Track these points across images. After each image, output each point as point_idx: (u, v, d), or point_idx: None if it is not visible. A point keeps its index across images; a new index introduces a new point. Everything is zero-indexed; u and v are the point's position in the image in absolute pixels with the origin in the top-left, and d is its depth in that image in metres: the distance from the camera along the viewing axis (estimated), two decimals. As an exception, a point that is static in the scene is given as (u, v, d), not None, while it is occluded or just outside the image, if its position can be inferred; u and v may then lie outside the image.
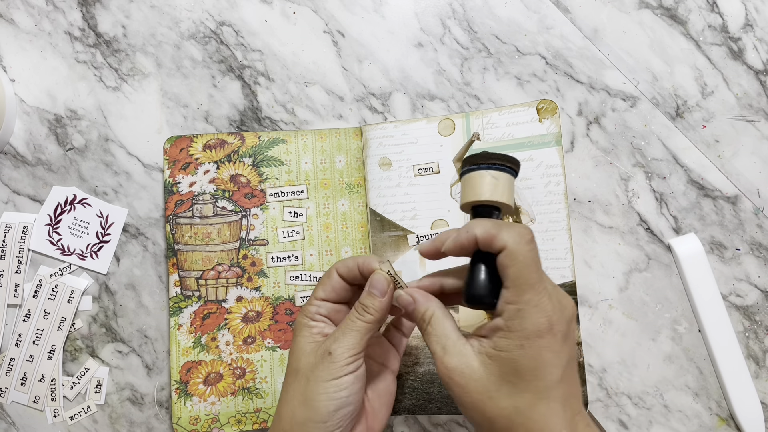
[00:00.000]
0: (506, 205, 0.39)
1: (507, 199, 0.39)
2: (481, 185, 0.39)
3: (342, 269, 0.43)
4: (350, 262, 0.43)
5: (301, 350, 0.42)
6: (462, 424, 0.54)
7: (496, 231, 0.36)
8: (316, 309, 0.43)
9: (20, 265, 0.56)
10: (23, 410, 0.56)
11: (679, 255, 0.54)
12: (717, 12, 0.56)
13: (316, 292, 0.44)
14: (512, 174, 0.40)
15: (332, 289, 0.44)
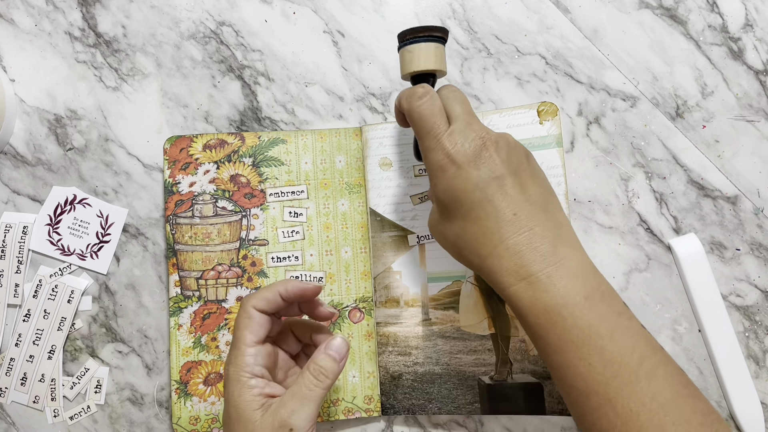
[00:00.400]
0: (439, 71, 0.45)
1: (437, 65, 0.44)
2: (411, 58, 0.44)
3: (260, 304, 0.42)
4: (267, 294, 0.42)
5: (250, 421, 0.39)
6: (462, 424, 0.54)
7: (398, 98, 0.44)
8: (253, 360, 0.41)
9: (20, 265, 0.56)
10: (23, 410, 0.56)
11: (679, 255, 0.54)
12: (717, 12, 0.56)
13: (244, 337, 0.41)
14: (440, 41, 0.45)
15: (259, 328, 0.41)
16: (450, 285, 0.54)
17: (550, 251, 0.38)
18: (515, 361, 0.52)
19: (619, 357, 0.36)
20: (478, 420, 0.54)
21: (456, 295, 0.54)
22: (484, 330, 0.53)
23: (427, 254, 0.54)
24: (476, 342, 0.53)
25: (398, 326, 0.54)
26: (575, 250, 0.39)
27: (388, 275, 0.55)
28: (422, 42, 0.44)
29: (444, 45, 0.45)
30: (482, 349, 0.53)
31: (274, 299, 0.42)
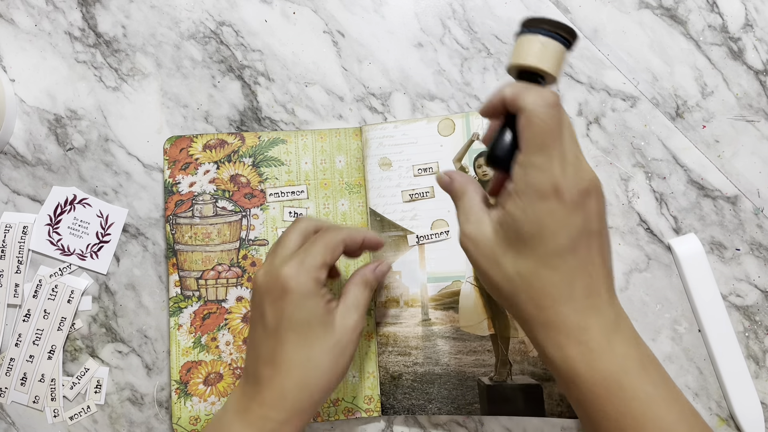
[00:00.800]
0: (550, 75, 0.37)
1: (552, 68, 0.37)
2: (528, 49, 0.37)
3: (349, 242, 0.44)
4: (356, 235, 0.45)
5: (325, 323, 0.42)
6: (462, 424, 0.54)
7: (521, 92, 0.35)
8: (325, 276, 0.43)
9: (20, 265, 0.56)
10: (23, 410, 0.56)
11: (679, 255, 0.54)
12: (717, 12, 0.56)
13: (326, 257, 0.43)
14: (564, 44, 0.38)
15: (332, 258, 0.43)
16: (449, 285, 0.54)
17: (613, 317, 0.36)
18: (515, 362, 0.52)
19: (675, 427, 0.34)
20: (478, 420, 0.54)
21: (456, 295, 0.54)
22: (483, 330, 0.53)
23: (427, 254, 0.54)
24: (476, 342, 0.53)
25: (398, 326, 0.54)
26: (624, 313, 0.37)
27: (388, 275, 0.55)
28: (552, 38, 0.37)
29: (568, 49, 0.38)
30: (482, 350, 0.53)
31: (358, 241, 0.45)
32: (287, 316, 0.41)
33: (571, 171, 0.35)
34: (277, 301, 0.41)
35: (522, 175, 0.35)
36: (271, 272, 0.42)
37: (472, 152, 0.55)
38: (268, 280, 0.42)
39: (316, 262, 0.42)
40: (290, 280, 0.41)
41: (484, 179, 0.54)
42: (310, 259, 0.42)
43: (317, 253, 0.42)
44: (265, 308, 0.42)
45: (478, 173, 0.54)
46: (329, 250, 0.43)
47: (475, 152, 0.55)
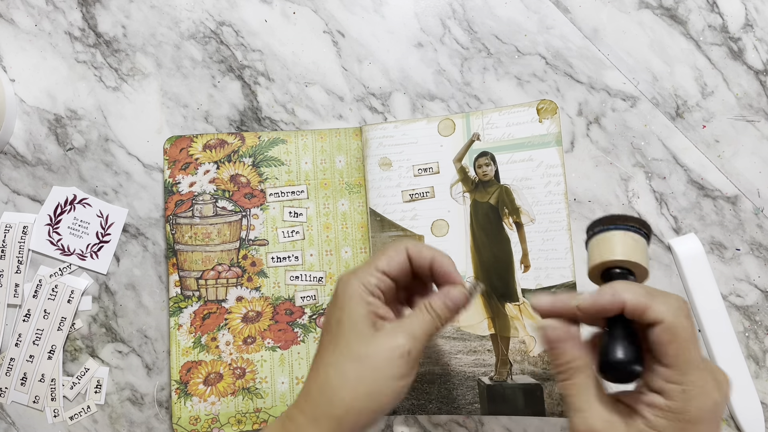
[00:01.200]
0: (642, 269, 0.36)
1: (645, 262, 0.36)
2: (617, 246, 0.36)
3: (413, 252, 0.41)
4: (425, 250, 0.41)
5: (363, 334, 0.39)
6: (462, 424, 0.54)
7: (649, 301, 0.33)
8: (377, 282, 0.40)
9: (20, 265, 0.56)
10: (23, 410, 0.56)
11: (679, 255, 0.54)
12: (717, 12, 0.56)
13: (379, 262, 0.41)
14: (645, 237, 0.37)
15: (397, 267, 0.41)
16: (450, 285, 0.54)
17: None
18: (515, 362, 0.52)
19: None
20: (478, 420, 0.54)
21: (456, 295, 0.54)
22: (483, 330, 0.53)
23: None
24: (476, 342, 0.53)
25: (398, 326, 0.54)
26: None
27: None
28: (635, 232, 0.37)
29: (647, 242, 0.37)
30: (482, 350, 0.53)
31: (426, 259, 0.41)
32: (328, 316, 0.41)
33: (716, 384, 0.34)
34: (329, 306, 0.41)
35: (680, 395, 0.33)
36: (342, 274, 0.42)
37: (472, 152, 0.55)
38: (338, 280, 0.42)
39: (369, 267, 0.41)
40: (339, 283, 0.41)
41: (485, 179, 0.54)
42: (365, 265, 0.41)
43: (373, 259, 0.41)
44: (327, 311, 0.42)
45: (478, 173, 0.54)
46: (386, 257, 0.41)
47: (476, 152, 0.55)
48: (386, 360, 0.38)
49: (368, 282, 0.40)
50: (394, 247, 0.42)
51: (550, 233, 0.53)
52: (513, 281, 0.53)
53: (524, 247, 0.53)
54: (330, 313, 0.41)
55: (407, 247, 0.41)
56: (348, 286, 0.40)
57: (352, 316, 0.39)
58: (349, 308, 0.40)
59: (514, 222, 0.53)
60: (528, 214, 0.53)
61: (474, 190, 0.54)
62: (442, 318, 0.40)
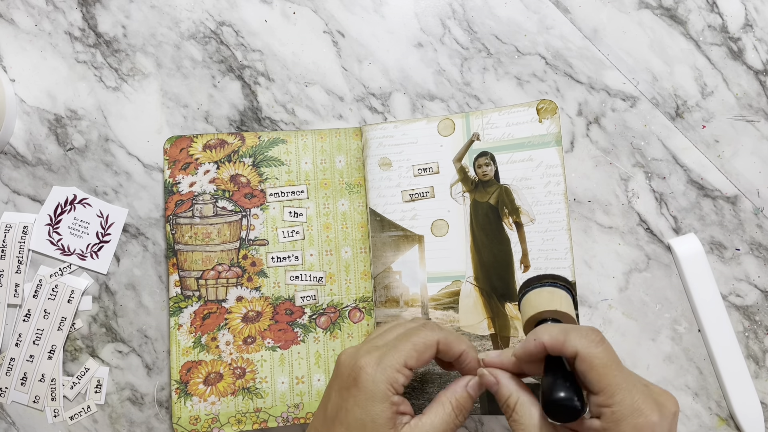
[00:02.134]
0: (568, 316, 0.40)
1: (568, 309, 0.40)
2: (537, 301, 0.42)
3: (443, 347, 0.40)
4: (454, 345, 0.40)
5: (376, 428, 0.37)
6: (462, 424, 0.54)
7: (563, 337, 0.36)
8: (404, 381, 0.38)
9: (20, 265, 0.56)
10: (23, 410, 0.56)
11: (679, 255, 0.54)
12: (717, 12, 0.56)
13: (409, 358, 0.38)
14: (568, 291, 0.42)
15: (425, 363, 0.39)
16: (449, 285, 0.54)
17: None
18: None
19: None
20: (478, 420, 0.54)
21: (456, 295, 0.54)
22: (483, 330, 0.53)
23: (427, 254, 0.54)
24: (476, 342, 0.53)
25: (398, 326, 0.54)
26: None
27: (388, 275, 0.55)
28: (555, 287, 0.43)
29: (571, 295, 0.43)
30: (482, 350, 0.53)
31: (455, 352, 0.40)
32: (346, 409, 0.38)
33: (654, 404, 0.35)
34: (343, 390, 0.39)
35: (611, 416, 0.34)
36: (353, 357, 0.39)
37: (472, 152, 0.55)
38: (347, 364, 0.39)
39: (397, 362, 0.38)
40: (362, 374, 0.38)
41: (484, 179, 0.54)
42: (392, 356, 0.38)
43: (402, 351, 0.38)
44: (332, 392, 0.40)
45: (478, 173, 0.54)
46: (416, 352, 0.39)
47: (475, 152, 0.55)
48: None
49: (395, 380, 0.38)
50: (424, 338, 0.39)
51: (549, 233, 0.53)
52: (513, 281, 0.53)
53: (524, 247, 0.53)
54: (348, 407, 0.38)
55: (439, 341, 0.39)
56: (375, 382, 0.37)
57: (376, 420, 0.37)
58: (375, 410, 0.37)
59: (514, 222, 0.53)
60: (528, 214, 0.53)
61: (474, 190, 0.54)
62: (465, 411, 0.40)
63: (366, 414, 0.37)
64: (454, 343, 0.40)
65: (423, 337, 0.39)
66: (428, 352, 0.39)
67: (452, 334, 0.41)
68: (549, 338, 0.36)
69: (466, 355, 0.41)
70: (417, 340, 0.39)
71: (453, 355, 0.40)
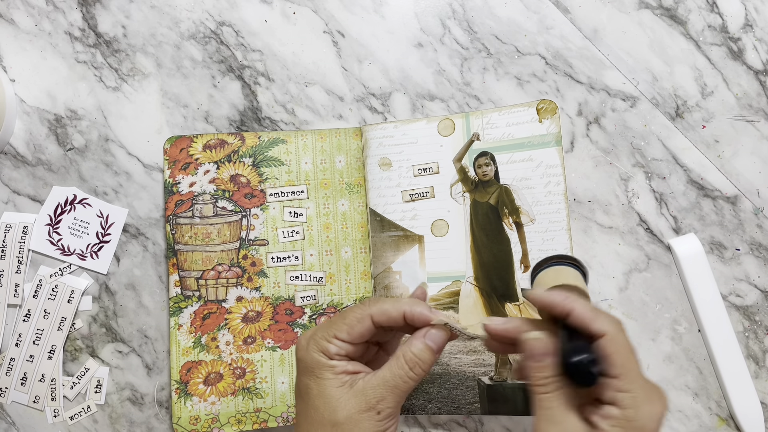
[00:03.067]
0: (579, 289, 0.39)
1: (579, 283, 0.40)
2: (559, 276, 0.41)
3: (380, 317, 0.39)
4: (391, 309, 0.40)
5: (333, 398, 0.38)
6: (462, 424, 0.54)
7: (594, 314, 0.36)
8: (336, 350, 0.39)
9: (20, 265, 0.56)
10: (23, 410, 0.56)
11: (679, 255, 0.54)
12: (717, 12, 0.56)
13: (339, 330, 0.39)
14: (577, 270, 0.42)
15: (359, 335, 0.39)
16: (450, 285, 0.54)
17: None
18: (515, 361, 0.52)
19: None
20: (478, 420, 0.54)
21: (456, 295, 0.54)
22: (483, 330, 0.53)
23: (427, 254, 0.54)
24: (476, 342, 0.53)
25: (398, 326, 0.54)
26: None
27: (388, 275, 0.55)
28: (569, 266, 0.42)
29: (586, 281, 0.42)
30: (482, 350, 0.53)
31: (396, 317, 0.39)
32: (298, 381, 0.41)
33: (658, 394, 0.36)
34: (297, 369, 0.41)
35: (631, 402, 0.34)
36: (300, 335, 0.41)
37: (472, 152, 0.55)
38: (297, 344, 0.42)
39: (328, 333, 0.39)
40: (298, 347, 0.41)
41: (484, 179, 0.54)
42: (323, 329, 0.40)
43: (333, 324, 0.40)
44: None
45: (478, 173, 0.54)
46: (346, 324, 0.39)
47: (475, 152, 0.55)
48: (356, 423, 0.38)
49: (325, 349, 0.39)
50: (356, 312, 0.40)
51: (549, 233, 0.53)
52: (513, 281, 0.53)
53: (524, 247, 0.53)
54: (299, 380, 0.40)
55: (371, 314, 0.40)
56: (307, 353, 0.40)
57: (319, 382, 0.39)
58: (314, 375, 0.39)
59: (514, 222, 0.53)
60: (528, 214, 0.53)
61: (474, 190, 0.54)
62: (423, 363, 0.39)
63: (309, 378, 0.39)
64: (390, 309, 0.39)
65: (356, 311, 0.40)
66: (360, 325, 0.39)
67: (389, 302, 0.40)
68: (581, 308, 0.36)
69: (409, 315, 0.39)
70: (349, 314, 0.40)
71: (396, 321, 0.40)
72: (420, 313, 0.39)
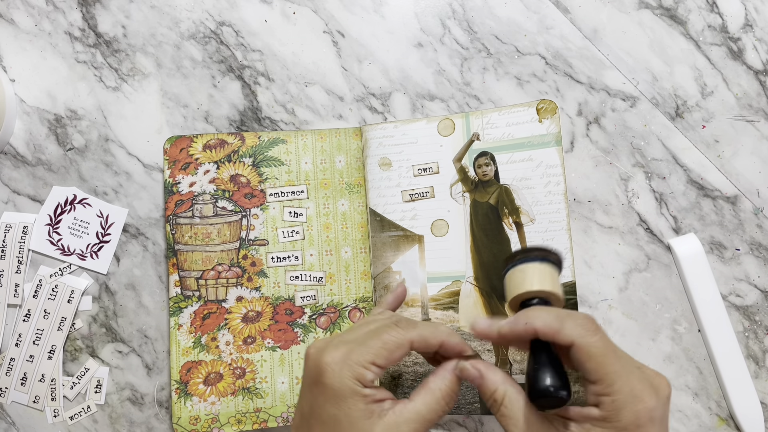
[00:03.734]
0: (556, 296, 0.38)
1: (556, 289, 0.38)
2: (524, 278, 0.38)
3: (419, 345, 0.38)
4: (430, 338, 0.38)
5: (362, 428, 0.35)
6: (462, 424, 0.54)
7: (558, 325, 0.35)
8: (373, 377, 0.36)
9: (20, 265, 0.56)
10: (23, 410, 0.56)
11: (679, 255, 0.54)
12: (717, 12, 0.56)
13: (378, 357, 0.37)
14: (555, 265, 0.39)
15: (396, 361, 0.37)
16: (449, 285, 0.54)
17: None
18: (515, 361, 0.52)
19: None
20: (478, 420, 0.54)
21: (456, 295, 0.54)
22: (483, 330, 0.53)
23: (427, 254, 0.54)
24: (476, 342, 0.53)
25: (398, 326, 0.54)
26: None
27: (388, 275, 0.55)
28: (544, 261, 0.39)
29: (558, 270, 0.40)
30: (482, 350, 0.53)
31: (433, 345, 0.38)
32: (318, 406, 0.37)
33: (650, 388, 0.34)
34: (312, 387, 0.37)
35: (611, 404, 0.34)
36: (319, 352, 0.37)
37: (472, 152, 0.55)
38: (314, 359, 0.37)
39: (365, 358, 0.36)
40: (328, 371, 0.36)
41: (484, 179, 0.54)
42: (359, 353, 0.36)
43: (370, 348, 0.37)
44: (304, 387, 0.38)
45: (478, 173, 0.54)
46: (386, 350, 0.37)
47: (475, 152, 0.55)
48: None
49: (362, 377, 0.36)
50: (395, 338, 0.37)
51: (549, 233, 0.53)
52: (513, 281, 0.53)
53: (524, 247, 0.53)
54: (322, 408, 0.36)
55: (411, 340, 0.37)
56: (340, 379, 0.36)
57: (350, 414, 0.36)
58: (346, 405, 0.36)
59: (514, 222, 0.53)
60: (528, 214, 0.53)
61: (474, 190, 0.54)
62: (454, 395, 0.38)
63: (338, 410, 0.36)
64: (430, 337, 0.38)
65: (395, 335, 0.37)
66: (399, 351, 0.37)
67: (428, 328, 0.38)
68: (542, 324, 0.35)
69: (446, 344, 0.38)
70: (388, 338, 0.37)
71: (432, 348, 0.39)
72: (457, 344, 0.38)
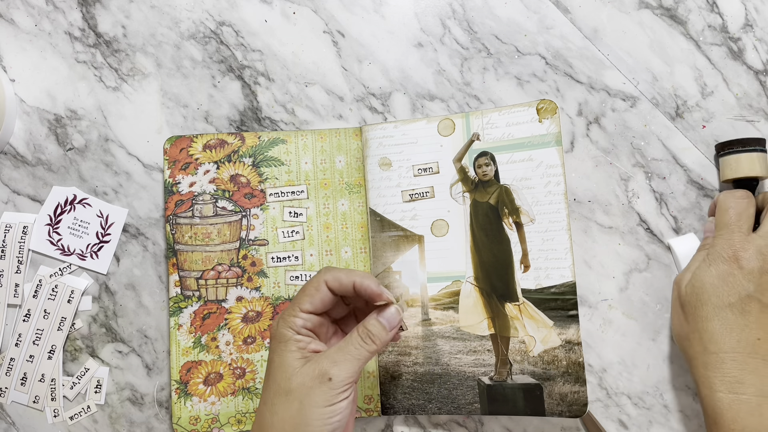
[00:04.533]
0: (759, 177, 0.51)
1: (760, 171, 0.50)
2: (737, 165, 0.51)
3: (333, 283, 0.42)
4: (343, 277, 0.42)
5: (291, 367, 0.41)
6: (462, 424, 0.54)
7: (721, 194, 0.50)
8: (303, 323, 0.42)
9: (20, 265, 0.56)
10: (23, 410, 0.56)
11: (679, 255, 0.54)
12: (717, 12, 0.56)
13: (302, 303, 0.42)
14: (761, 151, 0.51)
15: (320, 303, 0.42)
16: (449, 285, 0.54)
17: None
18: (515, 361, 0.52)
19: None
20: (478, 420, 0.54)
21: (456, 295, 0.54)
22: (483, 330, 0.53)
23: (427, 254, 0.54)
24: (476, 342, 0.53)
25: (398, 326, 0.54)
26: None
27: (388, 275, 0.55)
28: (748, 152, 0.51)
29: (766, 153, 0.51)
30: (482, 350, 0.53)
31: (346, 284, 0.42)
32: (269, 360, 0.43)
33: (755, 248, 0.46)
34: None
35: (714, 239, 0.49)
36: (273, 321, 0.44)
37: (472, 152, 0.55)
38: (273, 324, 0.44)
39: (293, 308, 0.42)
40: (270, 330, 0.44)
41: (484, 179, 0.54)
42: (290, 306, 0.43)
43: (296, 299, 0.43)
44: None
45: (478, 173, 0.54)
46: (307, 295, 0.42)
47: (475, 152, 0.55)
48: (308, 389, 0.40)
49: (293, 323, 0.42)
50: (314, 282, 0.42)
51: (549, 233, 0.53)
52: (513, 281, 0.53)
53: (524, 247, 0.53)
54: (269, 357, 0.42)
55: (325, 279, 0.42)
56: (276, 330, 0.42)
57: (282, 355, 0.41)
58: (279, 349, 0.41)
59: (514, 222, 0.53)
60: (528, 214, 0.53)
61: (474, 190, 0.54)
62: (376, 338, 0.42)
63: (274, 353, 0.42)
64: (343, 277, 0.42)
65: (311, 281, 0.43)
66: (318, 292, 0.42)
67: (342, 271, 0.42)
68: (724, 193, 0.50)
69: (357, 284, 0.42)
70: (307, 285, 0.43)
71: (348, 289, 0.42)
72: (368, 286, 0.42)
